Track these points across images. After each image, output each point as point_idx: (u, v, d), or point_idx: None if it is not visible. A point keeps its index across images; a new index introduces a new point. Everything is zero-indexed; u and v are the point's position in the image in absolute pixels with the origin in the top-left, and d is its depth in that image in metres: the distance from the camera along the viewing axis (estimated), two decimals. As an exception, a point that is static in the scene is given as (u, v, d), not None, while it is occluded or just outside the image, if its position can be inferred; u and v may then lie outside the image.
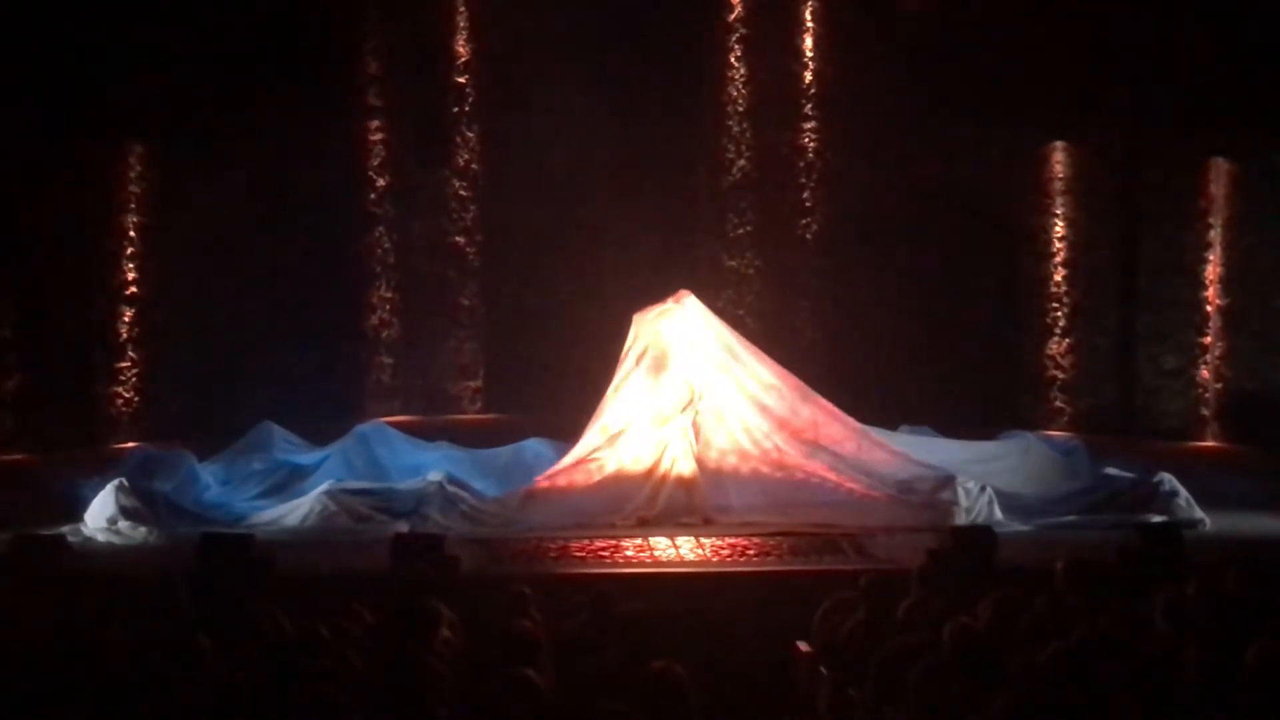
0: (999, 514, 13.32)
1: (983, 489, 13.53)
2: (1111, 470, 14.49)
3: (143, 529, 13.13)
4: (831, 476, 13.81)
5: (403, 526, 12.78)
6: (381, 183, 18.36)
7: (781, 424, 14.09)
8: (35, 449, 16.35)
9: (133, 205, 17.23)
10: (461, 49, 18.49)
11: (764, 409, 14.13)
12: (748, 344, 14.65)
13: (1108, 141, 17.77)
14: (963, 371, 17.94)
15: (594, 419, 14.22)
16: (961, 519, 13.20)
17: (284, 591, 9.78)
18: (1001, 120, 17.65)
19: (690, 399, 14.03)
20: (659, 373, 14.18)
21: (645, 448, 13.92)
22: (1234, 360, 17.31)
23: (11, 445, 16.36)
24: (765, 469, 13.91)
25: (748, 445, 13.97)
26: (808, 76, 18.55)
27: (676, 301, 14.44)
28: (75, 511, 13.31)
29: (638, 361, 14.26)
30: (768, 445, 13.98)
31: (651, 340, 14.29)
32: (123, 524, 13.15)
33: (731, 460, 13.89)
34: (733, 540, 12.90)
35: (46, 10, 16.24)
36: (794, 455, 13.93)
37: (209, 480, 14.27)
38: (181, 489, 13.88)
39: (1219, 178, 17.33)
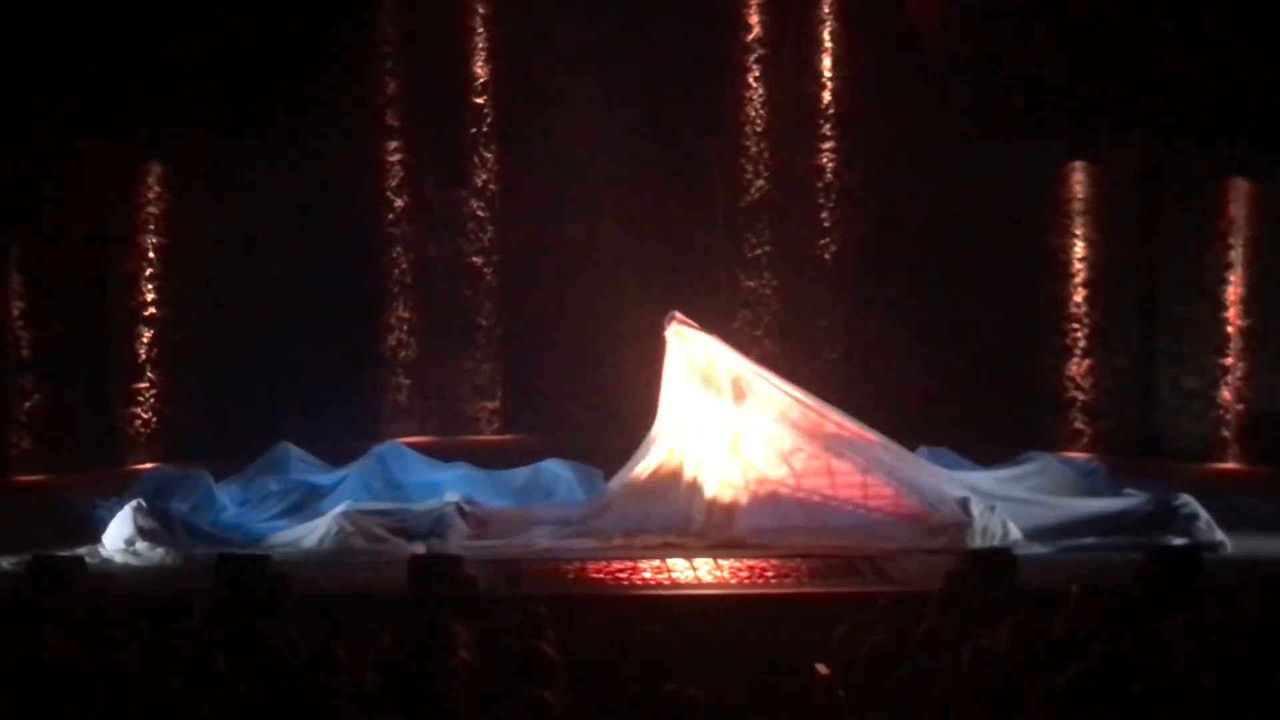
0: (1014, 534, 13.27)
1: (992, 508, 13.48)
2: (1131, 492, 14.44)
3: (160, 550, 13.11)
4: (858, 476, 13.75)
5: (419, 547, 12.77)
6: (399, 203, 18.37)
7: (811, 433, 14.02)
8: (53, 470, 16.39)
9: (150, 226, 17.27)
10: (480, 70, 18.50)
11: (788, 423, 14.07)
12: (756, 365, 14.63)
13: (1127, 161, 17.71)
14: (982, 392, 17.87)
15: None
16: (976, 540, 13.15)
17: (301, 612, 9.76)
18: (1021, 140, 17.64)
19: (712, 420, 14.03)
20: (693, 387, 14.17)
21: (676, 467, 13.93)
22: (1255, 382, 17.24)
23: (29, 466, 16.40)
24: (785, 490, 13.86)
25: (768, 467, 13.92)
26: (826, 97, 18.54)
27: (668, 326, 14.34)
28: (93, 533, 13.32)
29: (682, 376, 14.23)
30: (790, 466, 13.92)
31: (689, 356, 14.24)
32: (140, 545, 13.14)
33: (753, 484, 13.85)
34: (751, 562, 12.87)
35: (64, 33, 16.29)
36: (818, 462, 13.86)
37: (226, 501, 14.27)
38: (199, 510, 13.89)
39: (1240, 197, 17.27)
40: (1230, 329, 17.33)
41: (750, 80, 18.55)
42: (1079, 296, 17.94)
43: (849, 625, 9.65)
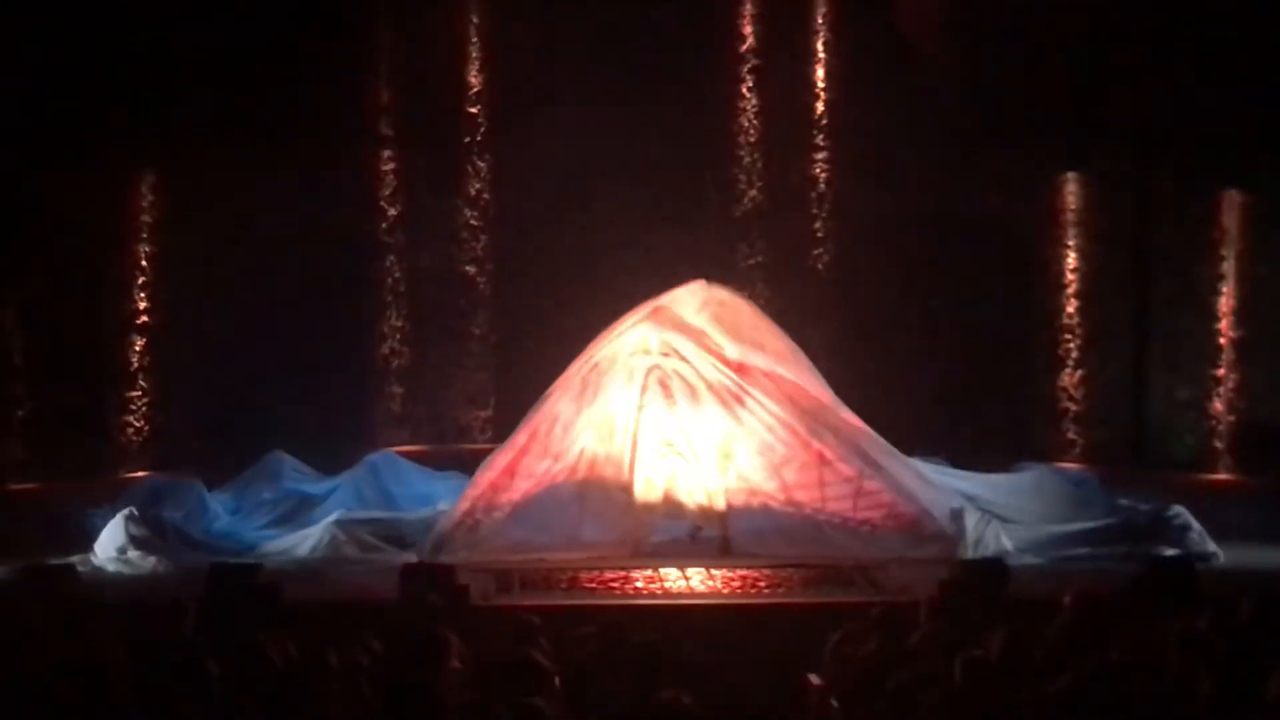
0: (1007, 544, 13.27)
1: (988, 521, 13.48)
2: (1124, 502, 14.45)
3: (152, 558, 13.11)
4: (851, 486, 13.72)
5: (412, 556, 12.76)
6: (392, 211, 18.36)
7: (815, 419, 14.00)
8: (45, 478, 16.34)
9: (143, 234, 17.27)
10: (473, 78, 18.50)
11: (785, 427, 14.06)
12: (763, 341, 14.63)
13: (1121, 172, 17.73)
14: (975, 403, 17.87)
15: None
16: (969, 551, 13.15)
17: (293, 621, 9.75)
18: (1014, 151, 17.64)
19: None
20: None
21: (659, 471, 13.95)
22: (1247, 392, 17.24)
23: (22, 474, 16.35)
24: (775, 503, 13.84)
25: (759, 479, 13.92)
26: (819, 107, 18.55)
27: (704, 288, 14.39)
28: (85, 541, 13.30)
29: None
30: (781, 479, 13.91)
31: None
32: (132, 553, 13.14)
33: (743, 495, 13.85)
34: (743, 572, 12.86)
35: (57, 41, 16.28)
36: (810, 474, 13.83)
37: (219, 510, 14.27)
38: (191, 518, 13.88)
39: (1232, 209, 17.29)
40: (1222, 340, 17.34)
41: (743, 90, 18.55)
42: (1072, 307, 17.95)
43: (842, 634, 9.65)
